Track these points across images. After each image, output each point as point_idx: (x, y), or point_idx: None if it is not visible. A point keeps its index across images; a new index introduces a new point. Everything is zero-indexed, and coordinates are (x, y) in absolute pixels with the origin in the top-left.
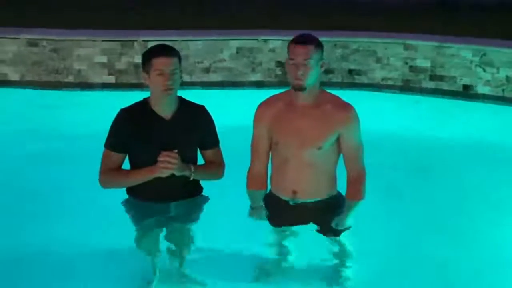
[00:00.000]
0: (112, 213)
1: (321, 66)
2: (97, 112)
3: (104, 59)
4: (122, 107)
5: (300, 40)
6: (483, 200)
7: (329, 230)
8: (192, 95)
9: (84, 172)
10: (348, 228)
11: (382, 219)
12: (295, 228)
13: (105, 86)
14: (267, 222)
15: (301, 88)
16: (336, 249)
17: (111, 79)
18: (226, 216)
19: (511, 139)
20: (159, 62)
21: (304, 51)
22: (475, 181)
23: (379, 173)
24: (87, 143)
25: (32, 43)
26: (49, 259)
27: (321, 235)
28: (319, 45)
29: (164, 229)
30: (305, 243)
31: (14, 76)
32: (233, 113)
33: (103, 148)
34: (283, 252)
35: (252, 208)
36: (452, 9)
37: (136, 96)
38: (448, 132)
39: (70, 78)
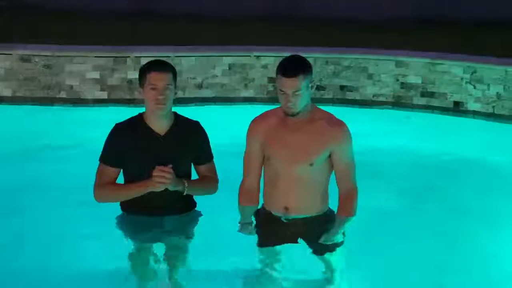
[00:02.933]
0: (105, 227)
1: (311, 88)
2: (89, 128)
3: (96, 75)
4: (115, 122)
5: (288, 73)
6: (473, 215)
7: (319, 246)
8: (185, 111)
9: (78, 187)
10: (336, 244)
11: (373, 236)
12: (285, 246)
13: (97, 101)
14: (257, 238)
15: (293, 114)
16: (325, 265)
17: (104, 95)
18: (218, 231)
19: (501, 155)
20: (153, 77)
21: (293, 84)
22: (465, 196)
23: (371, 190)
24: (80, 158)
25: (25, 59)
26: (40, 275)
27: (310, 252)
28: (307, 71)
29: (158, 244)
30: (296, 259)
31: (6, 92)
32: (225, 128)
33: (97, 163)
34: (273, 268)
35: (242, 223)
36: (442, 25)
37: (128, 112)
38: (439, 148)
39: (63, 94)
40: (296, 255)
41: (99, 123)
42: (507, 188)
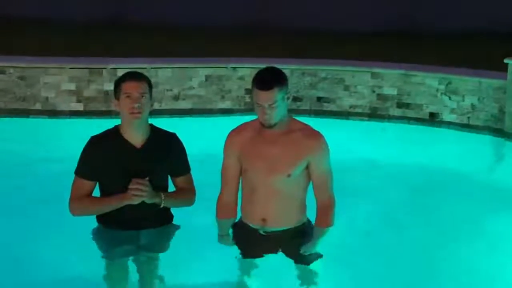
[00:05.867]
0: (81, 241)
1: (287, 99)
2: (65, 140)
3: (72, 86)
4: (92, 134)
5: (263, 86)
6: (447, 225)
7: (298, 257)
8: (161, 123)
9: (53, 200)
10: (315, 255)
11: (350, 246)
12: (265, 256)
13: (73, 113)
14: (236, 250)
15: (270, 126)
16: (304, 276)
17: (80, 107)
18: (195, 245)
19: (476, 165)
20: (128, 86)
21: (269, 96)
22: (440, 206)
23: (348, 201)
24: (56, 171)
25: None
26: None
27: (290, 263)
28: (282, 83)
29: (133, 258)
30: (274, 271)
31: None
32: (202, 140)
33: (73, 176)
34: (252, 280)
35: (220, 235)
36: (416, 37)
37: (105, 124)
38: (414, 159)
39: (38, 106)
40: (275, 266)
41: (75, 135)
42: (482, 198)
